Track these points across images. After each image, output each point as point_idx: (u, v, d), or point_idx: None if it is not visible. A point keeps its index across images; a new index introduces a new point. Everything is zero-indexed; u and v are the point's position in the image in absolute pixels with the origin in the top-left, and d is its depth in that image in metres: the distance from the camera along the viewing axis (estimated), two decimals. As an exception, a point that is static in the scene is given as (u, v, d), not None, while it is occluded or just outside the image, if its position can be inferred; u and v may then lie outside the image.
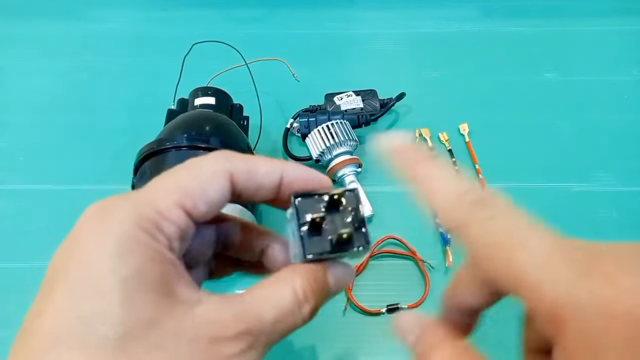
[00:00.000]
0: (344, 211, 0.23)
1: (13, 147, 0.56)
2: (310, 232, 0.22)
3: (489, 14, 0.68)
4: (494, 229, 0.18)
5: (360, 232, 0.22)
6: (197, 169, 0.20)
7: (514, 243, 0.17)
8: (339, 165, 0.50)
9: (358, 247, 0.22)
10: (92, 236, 0.18)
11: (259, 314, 0.19)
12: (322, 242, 0.22)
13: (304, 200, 0.22)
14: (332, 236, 0.22)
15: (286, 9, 0.68)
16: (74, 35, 0.66)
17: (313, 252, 0.21)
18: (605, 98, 0.60)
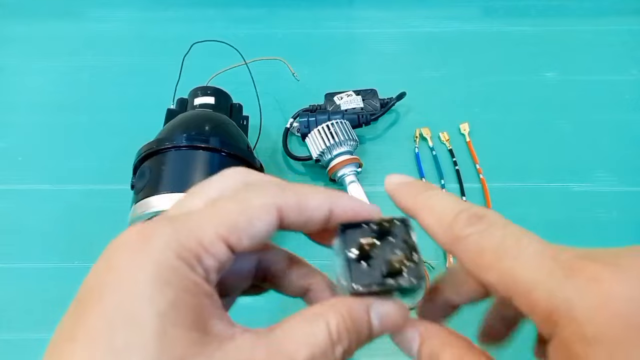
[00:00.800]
0: (394, 241, 0.21)
1: (13, 147, 0.56)
2: (359, 261, 0.20)
3: (489, 13, 0.68)
4: (488, 239, 0.19)
5: (412, 265, 0.20)
6: (246, 203, 0.19)
7: (507, 252, 0.18)
8: (339, 165, 0.50)
9: (410, 279, 0.20)
10: (130, 261, 0.18)
11: (291, 352, 0.18)
12: (371, 273, 0.20)
13: (351, 231, 0.21)
14: (382, 266, 0.20)
15: (286, 9, 0.68)
16: (74, 35, 0.66)
17: (361, 282, 0.20)
18: (605, 98, 0.60)
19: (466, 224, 0.20)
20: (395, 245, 0.21)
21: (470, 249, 0.19)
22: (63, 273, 0.48)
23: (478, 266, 0.19)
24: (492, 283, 0.19)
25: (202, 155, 0.40)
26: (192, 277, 0.18)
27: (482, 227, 0.20)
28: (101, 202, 0.51)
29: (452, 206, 0.21)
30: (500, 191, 0.52)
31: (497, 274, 0.18)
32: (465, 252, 0.20)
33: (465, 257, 0.20)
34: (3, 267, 0.48)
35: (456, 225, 0.20)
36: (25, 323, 0.45)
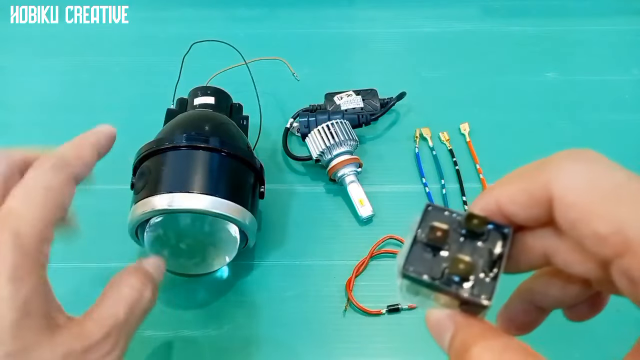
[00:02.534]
0: (480, 245, 0.18)
1: (13, 147, 0.56)
2: (427, 246, 0.18)
3: (489, 13, 0.68)
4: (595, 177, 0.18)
5: (484, 279, 0.17)
6: None
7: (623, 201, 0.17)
8: (339, 165, 0.50)
9: (472, 292, 0.17)
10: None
11: (114, 314, 0.23)
12: (432, 264, 0.18)
13: (435, 213, 0.19)
14: (447, 262, 0.18)
15: (286, 9, 0.68)
16: (74, 35, 0.66)
17: (415, 269, 0.18)
18: (606, 98, 0.60)
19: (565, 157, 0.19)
20: (477, 249, 0.18)
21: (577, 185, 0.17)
22: (63, 273, 0.47)
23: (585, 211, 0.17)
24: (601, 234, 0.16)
25: (202, 155, 0.40)
26: (39, 272, 0.21)
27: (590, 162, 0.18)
28: (101, 202, 0.51)
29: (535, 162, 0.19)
30: (500, 191, 0.52)
31: (613, 223, 0.16)
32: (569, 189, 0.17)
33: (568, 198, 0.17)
34: (3, 267, 0.48)
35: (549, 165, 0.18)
36: (25, 323, 0.45)
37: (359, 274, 0.47)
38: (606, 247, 0.16)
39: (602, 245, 0.16)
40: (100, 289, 0.27)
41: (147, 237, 0.41)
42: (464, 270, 0.17)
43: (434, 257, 0.18)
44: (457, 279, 0.17)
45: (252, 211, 0.42)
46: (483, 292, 0.17)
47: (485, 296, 0.17)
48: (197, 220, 0.41)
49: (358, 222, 0.50)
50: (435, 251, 0.18)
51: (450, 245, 0.18)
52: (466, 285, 0.17)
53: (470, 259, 0.17)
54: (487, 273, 0.18)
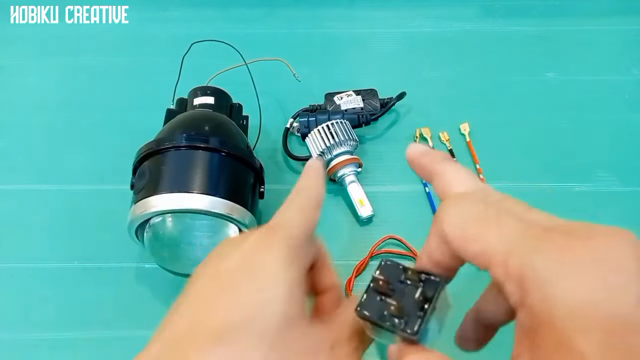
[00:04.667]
0: (417, 290, 0.23)
1: (13, 147, 0.56)
2: (375, 293, 0.23)
3: (490, 13, 0.68)
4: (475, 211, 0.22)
5: (415, 318, 0.22)
6: None
7: (483, 226, 0.21)
8: (339, 165, 0.50)
9: (404, 330, 0.21)
10: (264, 250, 0.25)
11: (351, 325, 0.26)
12: (379, 307, 0.23)
13: (390, 266, 0.24)
14: (388, 306, 0.22)
15: (286, 9, 0.68)
16: (74, 35, 0.66)
17: (364, 311, 0.23)
18: (605, 98, 0.60)
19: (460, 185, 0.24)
20: (412, 293, 0.23)
21: (453, 216, 0.22)
22: (63, 273, 0.48)
23: (463, 239, 0.21)
24: (475, 253, 0.21)
25: (202, 155, 0.40)
26: (302, 264, 0.25)
27: (460, 203, 0.23)
28: (101, 202, 0.51)
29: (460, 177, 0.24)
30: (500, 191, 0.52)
31: (479, 244, 0.21)
32: (450, 228, 0.22)
33: (449, 226, 0.22)
34: (3, 267, 0.48)
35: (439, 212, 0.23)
36: (25, 323, 0.45)
37: (359, 273, 0.47)
38: (480, 263, 0.21)
39: (478, 262, 0.21)
40: (100, 289, 0.27)
41: (147, 237, 0.41)
42: (394, 310, 0.22)
43: (381, 301, 0.23)
44: (395, 317, 0.22)
45: (252, 211, 0.42)
46: (409, 327, 0.21)
47: (411, 330, 0.21)
48: (197, 220, 0.41)
49: (358, 222, 0.50)
50: (383, 297, 0.23)
51: (396, 292, 0.23)
52: (398, 322, 0.22)
53: (398, 303, 0.22)
54: (417, 312, 0.22)
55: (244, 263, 0.25)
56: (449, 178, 0.24)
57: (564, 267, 0.18)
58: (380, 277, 0.23)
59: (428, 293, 0.22)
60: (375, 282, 0.23)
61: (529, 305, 0.18)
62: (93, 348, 0.44)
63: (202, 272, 0.26)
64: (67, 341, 0.44)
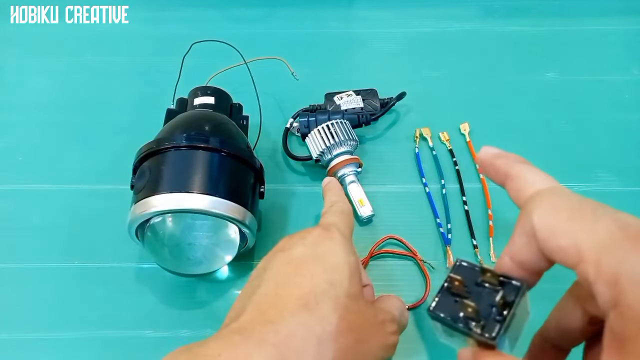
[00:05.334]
0: (497, 295, 0.22)
1: (13, 147, 0.56)
2: (449, 293, 0.23)
3: (489, 13, 0.68)
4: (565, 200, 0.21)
5: (494, 322, 0.21)
6: None
7: (583, 215, 0.20)
8: (339, 165, 0.50)
9: (481, 334, 0.21)
10: (327, 242, 0.30)
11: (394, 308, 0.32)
12: (453, 309, 0.22)
13: (464, 267, 0.23)
14: (463, 307, 0.22)
15: (286, 9, 0.68)
16: (74, 35, 0.66)
17: (437, 310, 0.22)
18: (606, 98, 0.60)
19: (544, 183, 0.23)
20: (491, 297, 0.22)
21: (545, 212, 0.21)
22: (63, 273, 0.48)
23: (551, 230, 0.20)
24: (563, 247, 0.20)
25: (202, 155, 0.40)
26: (356, 254, 0.31)
27: (559, 191, 0.22)
28: (101, 202, 0.51)
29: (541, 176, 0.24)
30: (500, 191, 0.51)
31: (570, 238, 0.20)
32: (540, 216, 0.21)
33: (540, 223, 0.21)
34: (3, 267, 0.48)
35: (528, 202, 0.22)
36: (25, 323, 0.45)
37: (359, 274, 0.47)
38: (568, 257, 0.20)
39: (565, 257, 0.20)
40: (100, 289, 0.27)
41: (147, 237, 0.41)
42: (471, 313, 0.21)
43: (456, 302, 0.22)
44: (470, 320, 0.21)
45: (252, 211, 0.42)
46: (488, 331, 0.21)
47: (489, 335, 0.21)
48: (197, 220, 0.41)
49: (358, 222, 0.50)
50: (458, 298, 0.22)
51: (472, 294, 0.22)
52: (476, 325, 0.21)
53: (475, 305, 0.21)
54: (496, 316, 0.21)
55: (312, 252, 0.29)
56: (529, 178, 0.24)
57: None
58: (456, 277, 0.22)
59: (508, 297, 0.21)
60: (451, 282, 0.23)
61: (625, 306, 0.17)
62: (93, 348, 0.44)
63: (273, 261, 0.30)
64: (67, 341, 0.44)
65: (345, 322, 0.26)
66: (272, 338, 0.25)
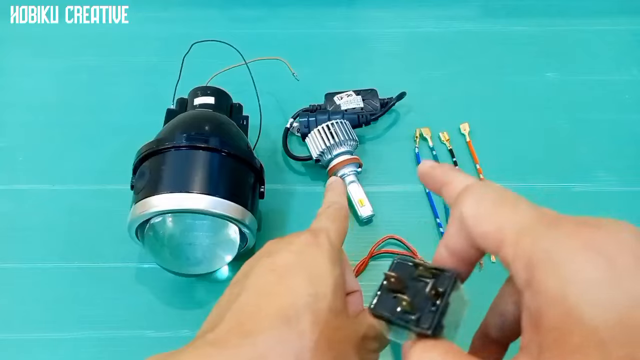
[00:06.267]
0: (429, 287, 0.22)
1: (13, 147, 0.56)
2: (388, 291, 0.23)
3: (489, 13, 0.68)
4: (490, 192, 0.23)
5: (428, 313, 0.21)
6: None
7: (505, 203, 0.22)
8: (339, 165, 0.50)
9: (417, 325, 0.21)
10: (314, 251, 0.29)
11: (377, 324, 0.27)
12: (392, 305, 0.22)
13: (401, 264, 0.24)
14: (400, 302, 0.22)
15: (286, 9, 0.68)
16: (74, 35, 0.66)
17: (378, 309, 0.23)
18: (606, 98, 0.60)
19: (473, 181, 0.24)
20: (424, 290, 0.22)
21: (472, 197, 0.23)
22: (63, 273, 0.48)
23: (477, 214, 0.22)
24: (487, 231, 0.21)
25: (202, 155, 0.40)
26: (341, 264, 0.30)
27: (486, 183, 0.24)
28: (101, 202, 0.51)
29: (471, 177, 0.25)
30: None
31: (493, 222, 0.21)
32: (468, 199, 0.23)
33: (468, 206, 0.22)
34: (3, 267, 0.48)
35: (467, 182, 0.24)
36: (25, 323, 0.45)
37: (359, 274, 0.47)
38: (490, 242, 0.21)
39: (488, 242, 0.21)
40: (100, 289, 0.27)
41: (147, 237, 0.41)
42: (406, 306, 0.22)
43: (394, 299, 0.23)
44: (408, 314, 0.22)
45: (252, 211, 0.42)
46: (423, 323, 0.21)
47: (425, 326, 0.21)
48: (197, 220, 0.41)
49: (358, 222, 0.50)
50: (396, 295, 0.23)
51: (409, 289, 0.23)
52: (413, 318, 0.22)
53: (408, 298, 0.22)
54: (430, 308, 0.22)
55: (298, 260, 0.28)
56: (461, 178, 0.25)
57: (574, 249, 0.18)
58: (392, 275, 0.23)
59: (440, 287, 0.22)
60: (388, 279, 0.23)
61: (537, 282, 0.18)
62: (93, 348, 0.44)
63: (256, 266, 0.29)
64: (67, 341, 0.44)
65: (324, 338, 0.25)
66: (248, 352, 0.24)
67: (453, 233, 0.23)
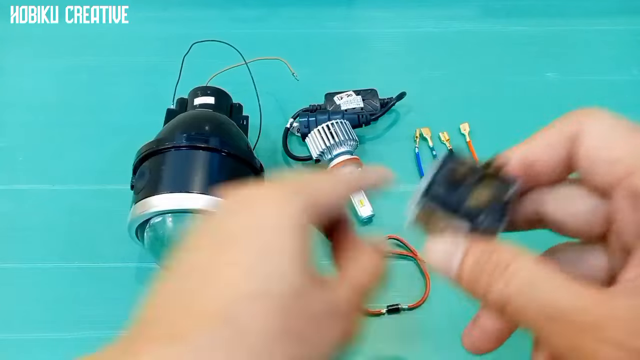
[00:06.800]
0: (494, 185, 0.20)
1: (13, 147, 0.56)
2: (446, 181, 0.20)
3: (489, 13, 0.68)
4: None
5: (497, 215, 0.20)
6: None
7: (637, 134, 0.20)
8: (339, 165, 0.50)
9: (488, 218, 0.19)
10: (274, 213, 0.23)
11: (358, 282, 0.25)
12: (454, 196, 0.20)
13: (461, 156, 0.21)
14: (467, 194, 0.20)
15: (286, 9, 0.68)
16: (74, 35, 0.66)
17: (436, 198, 0.20)
18: (605, 98, 0.60)
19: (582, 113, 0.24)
20: (496, 189, 0.20)
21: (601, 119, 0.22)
22: (63, 273, 0.48)
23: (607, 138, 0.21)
24: (619, 158, 0.20)
25: (202, 155, 0.40)
26: (312, 229, 0.24)
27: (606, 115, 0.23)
28: (101, 202, 0.51)
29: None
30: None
31: (630, 149, 0.20)
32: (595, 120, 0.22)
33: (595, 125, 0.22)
34: (3, 267, 0.48)
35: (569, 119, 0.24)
36: (25, 323, 0.45)
37: (359, 274, 0.47)
38: (618, 168, 0.19)
39: (615, 166, 0.20)
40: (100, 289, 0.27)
41: (147, 237, 0.41)
42: (482, 202, 0.20)
43: (455, 191, 0.20)
44: (472, 210, 0.20)
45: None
46: (494, 224, 0.19)
47: (496, 226, 0.19)
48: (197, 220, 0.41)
49: (358, 222, 0.50)
50: (454, 186, 0.20)
51: (467, 184, 0.20)
52: (481, 216, 0.20)
53: (488, 194, 0.20)
54: (501, 209, 0.20)
55: (249, 225, 0.23)
56: None
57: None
58: (462, 162, 0.20)
59: (511, 193, 0.20)
60: (452, 167, 0.20)
61: None
62: (93, 348, 0.44)
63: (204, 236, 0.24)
64: (66, 341, 0.44)
65: (283, 328, 0.21)
66: None
67: (545, 145, 0.22)
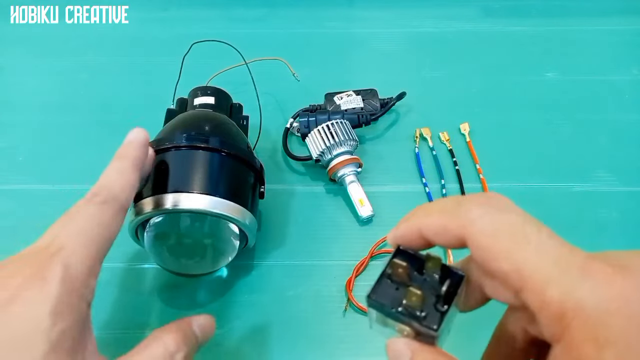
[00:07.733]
0: (436, 285, 0.21)
1: (13, 147, 0.56)
2: (390, 281, 0.21)
3: (489, 13, 0.68)
4: (506, 221, 0.19)
5: (435, 313, 0.20)
6: None
7: (527, 239, 0.18)
8: (339, 165, 0.50)
9: (423, 325, 0.20)
10: (32, 295, 0.21)
11: None
12: (394, 296, 0.20)
13: (408, 253, 0.22)
14: (404, 295, 0.20)
15: (286, 9, 0.68)
16: (74, 35, 0.66)
17: (377, 297, 0.20)
18: (606, 98, 0.60)
19: (476, 204, 0.20)
20: (433, 288, 0.21)
21: (484, 230, 0.19)
22: (63, 273, 0.47)
23: (491, 251, 0.19)
24: (504, 271, 0.18)
25: (202, 155, 0.40)
26: (82, 307, 0.22)
27: (494, 209, 0.20)
28: (101, 202, 0.51)
29: (452, 198, 0.22)
30: (500, 191, 0.51)
31: (512, 262, 0.18)
32: (478, 234, 0.19)
33: (477, 241, 0.19)
34: (3, 267, 0.48)
35: (463, 208, 0.20)
36: (25, 323, 0.45)
37: (359, 274, 0.47)
38: (510, 282, 0.19)
39: (508, 281, 0.19)
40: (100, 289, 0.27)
41: (147, 237, 0.41)
42: (416, 302, 0.20)
43: (397, 290, 0.21)
44: (412, 310, 0.20)
45: (252, 211, 0.42)
46: (432, 323, 0.20)
47: (434, 326, 0.19)
48: (197, 220, 0.41)
49: (358, 222, 0.50)
50: (398, 286, 0.21)
51: (412, 282, 0.21)
52: (419, 315, 0.20)
53: (421, 293, 0.20)
54: (437, 307, 0.20)
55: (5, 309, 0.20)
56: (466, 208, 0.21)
57: (612, 306, 0.16)
58: (401, 264, 0.21)
59: (451, 288, 0.20)
60: (394, 268, 0.21)
61: (570, 341, 0.17)
62: (93, 348, 0.44)
63: None
64: (67, 341, 0.44)
65: None
66: None
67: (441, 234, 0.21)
